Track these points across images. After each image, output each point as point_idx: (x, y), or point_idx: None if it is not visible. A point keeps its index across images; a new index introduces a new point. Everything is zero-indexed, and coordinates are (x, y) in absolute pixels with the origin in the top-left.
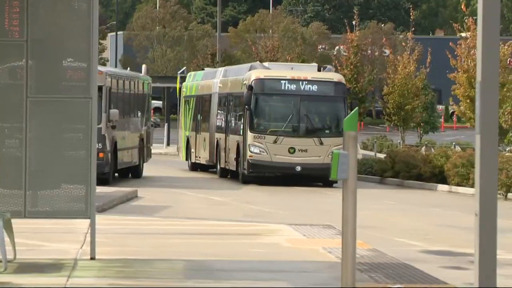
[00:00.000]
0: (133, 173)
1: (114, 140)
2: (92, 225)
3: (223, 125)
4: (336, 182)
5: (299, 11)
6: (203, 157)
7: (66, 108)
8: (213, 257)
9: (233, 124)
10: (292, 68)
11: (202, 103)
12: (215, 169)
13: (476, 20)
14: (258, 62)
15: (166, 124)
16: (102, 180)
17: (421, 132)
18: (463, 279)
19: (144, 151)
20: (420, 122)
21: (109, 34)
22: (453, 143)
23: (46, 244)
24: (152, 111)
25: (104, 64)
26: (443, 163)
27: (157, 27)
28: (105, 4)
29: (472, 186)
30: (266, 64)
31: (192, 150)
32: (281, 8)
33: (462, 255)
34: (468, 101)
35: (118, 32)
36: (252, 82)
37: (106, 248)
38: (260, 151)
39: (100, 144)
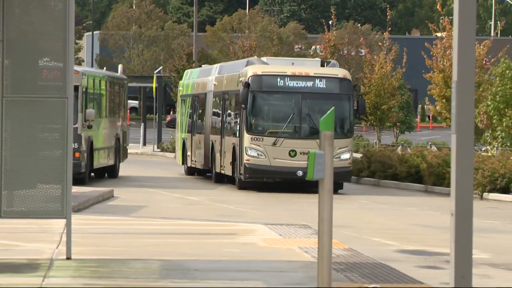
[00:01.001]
0: (109, 173)
1: (90, 140)
2: (68, 225)
3: (218, 126)
4: (341, 188)
5: (275, 11)
6: (198, 161)
7: (42, 107)
8: (189, 257)
9: (229, 125)
10: (292, 63)
11: (197, 102)
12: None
13: (452, 20)
14: (255, 57)
15: (142, 124)
16: (78, 180)
17: (397, 131)
18: (438, 278)
19: (120, 151)
20: (396, 122)
21: (85, 34)
22: (429, 143)
23: (22, 244)
24: (128, 111)
25: (80, 64)
26: (419, 162)
27: (133, 27)
28: (81, 4)
29: (448, 185)
30: (264, 59)
31: (188, 153)
32: (258, 8)
33: (437, 255)
34: (444, 101)
35: (94, 32)
36: (248, 78)
37: (82, 248)
38: (257, 154)
39: (76, 144)
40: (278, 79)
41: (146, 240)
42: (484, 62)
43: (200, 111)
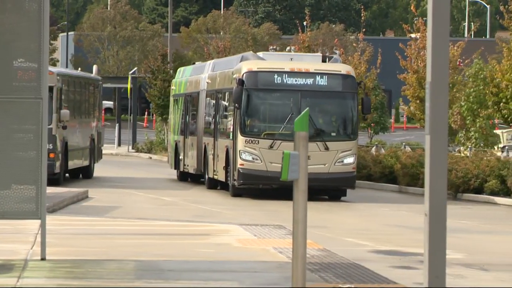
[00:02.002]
0: (84, 173)
1: (65, 141)
2: (43, 226)
3: (211, 128)
4: (345, 195)
5: (250, 12)
6: (191, 165)
7: (16, 108)
8: (163, 257)
9: (222, 127)
10: (291, 59)
11: (190, 102)
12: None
13: (426, 21)
14: (251, 52)
15: (117, 124)
16: (53, 181)
17: (372, 132)
18: (412, 278)
19: (95, 152)
20: (370, 123)
21: (60, 35)
22: (403, 144)
23: None
24: (103, 112)
25: (55, 65)
26: (393, 163)
27: (108, 27)
28: (56, 5)
29: (422, 186)
30: (260, 54)
31: (180, 157)
32: (233, 9)
33: (411, 255)
34: (418, 101)
35: (69, 33)
36: (243, 75)
37: (57, 248)
38: (253, 158)
39: (50, 145)
40: (275, 76)
41: (120, 241)
42: (458, 63)
43: (193, 111)
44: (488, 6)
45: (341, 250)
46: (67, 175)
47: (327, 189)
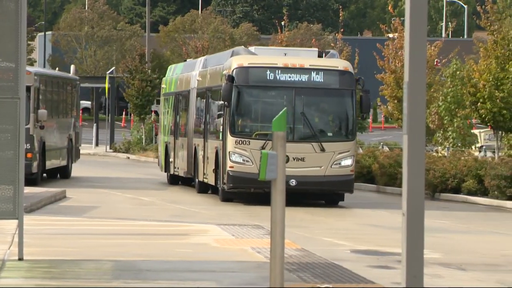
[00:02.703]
0: (62, 173)
1: (42, 141)
2: (20, 226)
3: (201, 128)
4: (342, 200)
5: (228, 12)
6: (181, 167)
7: None
8: (141, 257)
9: (212, 127)
10: (285, 54)
11: (181, 101)
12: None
13: (403, 21)
14: (242, 46)
15: (94, 124)
16: (30, 181)
17: None
18: (390, 278)
19: (72, 152)
20: None
21: (37, 35)
22: (381, 143)
23: None
24: (81, 111)
25: (32, 65)
26: (370, 163)
27: (86, 27)
28: (33, 5)
29: (400, 186)
30: (252, 48)
31: (171, 159)
32: (211, 9)
33: (389, 255)
34: (396, 101)
35: (47, 33)
36: (233, 71)
37: (34, 248)
38: (243, 160)
39: (28, 145)
40: (268, 72)
41: (98, 241)
42: (435, 63)
43: (183, 111)
44: (465, 7)
45: (319, 250)
46: (44, 175)
47: (324, 193)
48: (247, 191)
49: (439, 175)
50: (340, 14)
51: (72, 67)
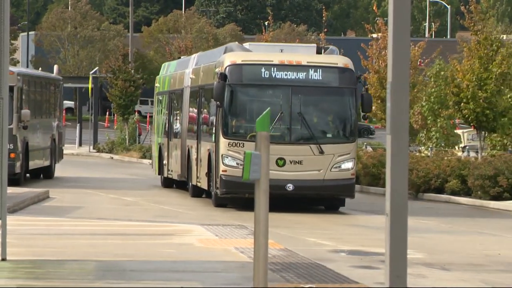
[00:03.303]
0: (45, 173)
1: (25, 141)
2: (3, 226)
3: (195, 129)
4: (343, 205)
5: (211, 12)
6: (175, 170)
7: None
8: (125, 258)
9: (204, 128)
10: (281, 50)
11: (174, 101)
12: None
13: (387, 21)
14: (236, 42)
15: (78, 124)
16: (13, 181)
17: None
18: (373, 278)
19: (56, 152)
20: None
21: (20, 35)
22: (365, 144)
23: None
24: (64, 111)
25: (15, 65)
26: None
27: (68, 27)
28: (16, 4)
29: (383, 186)
30: (246, 45)
31: (164, 161)
32: (194, 9)
33: (372, 255)
34: (379, 101)
35: (30, 33)
36: (225, 69)
37: (17, 249)
38: (237, 163)
39: (11, 145)
40: (263, 70)
41: (82, 241)
42: (418, 63)
43: (176, 111)
44: (449, 7)
45: (303, 250)
46: (27, 175)
47: (323, 198)
48: (242, 196)
49: (423, 175)
50: (324, 14)
51: (55, 67)
